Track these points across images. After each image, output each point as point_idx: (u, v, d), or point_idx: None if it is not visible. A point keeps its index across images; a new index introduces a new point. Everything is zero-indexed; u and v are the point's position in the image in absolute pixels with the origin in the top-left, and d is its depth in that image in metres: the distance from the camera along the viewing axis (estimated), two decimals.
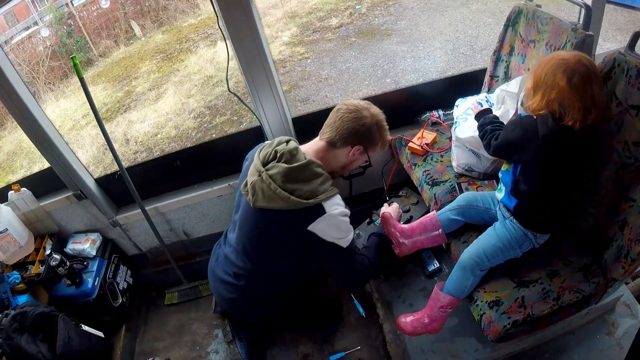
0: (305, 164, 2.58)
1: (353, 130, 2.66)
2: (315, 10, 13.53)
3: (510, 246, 2.64)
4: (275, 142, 2.76)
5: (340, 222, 2.63)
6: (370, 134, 2.71)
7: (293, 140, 2.77)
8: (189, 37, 13.90)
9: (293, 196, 2.52)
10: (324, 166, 2.69)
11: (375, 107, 2.77)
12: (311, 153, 2.70)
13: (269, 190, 2.56)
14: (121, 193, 3.91)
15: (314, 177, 2.58)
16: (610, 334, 3.17)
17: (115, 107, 11.34)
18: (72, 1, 14.74)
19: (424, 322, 2.95)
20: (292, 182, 2.55)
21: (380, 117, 2.75)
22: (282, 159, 2.61)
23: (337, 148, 2.71)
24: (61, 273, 3.65)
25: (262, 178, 2.59)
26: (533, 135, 2.32)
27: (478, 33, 10.43)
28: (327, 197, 2.56)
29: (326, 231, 2.60)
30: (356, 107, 2.69)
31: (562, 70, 2.22)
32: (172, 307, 4.32)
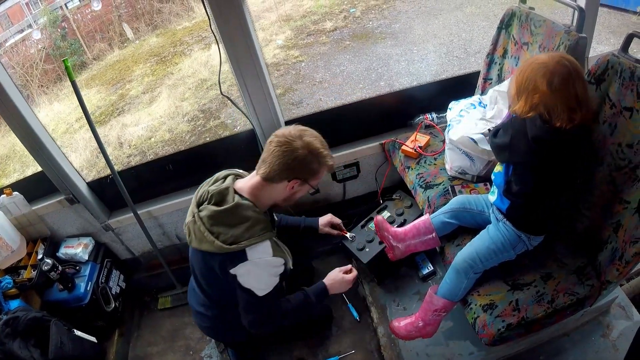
0: (231, 208, 2.56)
1: (286, 165, 2.55)
2: (309, 14, 13.56)
3: (504, 248, 2.63)
4: (213, 179, 2.79)
5: (262, 273, 2.62)
6: (305, 165, 2.59)
7: (231, 177, 2.77)
8: (183, 40, 13.92)
9: (217, 240, 2.52)
10: (263, 202, 2.69)
11: (310, 133, 2.64)
12: (246, 190, 2.66)
13: (199, 232, 2.58)
14: (113, 197, 3.89)
15: (240, 221, 2.55)
16: (605, 336, 3.17)
17: (109, 110, 11.34)
18: (67, 4, 14.74)
19: (417, 326, 2.93)
20: (218, 225, 2.55)
21: (315, 145, 2.59)
22: (212, 201, 2.61)
23: (275, 183, 2.62)
24: (53, 278, 3.62)
25: (194, 219, 2.61)
26: (523, 137, 2.34)
27: (472, 36, 10.47)
28: (252, 244, 2.54)
29: (245, 277, 2.59)
30: (286, 139, 2.55)
31: (541, 74, 2.24)
32: (166, 312, 4.29)
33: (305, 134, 2.58)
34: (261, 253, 2.56)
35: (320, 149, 2.60)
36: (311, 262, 4.00)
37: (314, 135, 2.63)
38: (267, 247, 2.58)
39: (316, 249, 4.10)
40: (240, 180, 2.74)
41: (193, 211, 2.64)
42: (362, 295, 3.87)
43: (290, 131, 2.58)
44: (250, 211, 2.57)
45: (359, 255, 3.59)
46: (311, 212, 3.75)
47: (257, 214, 2.59)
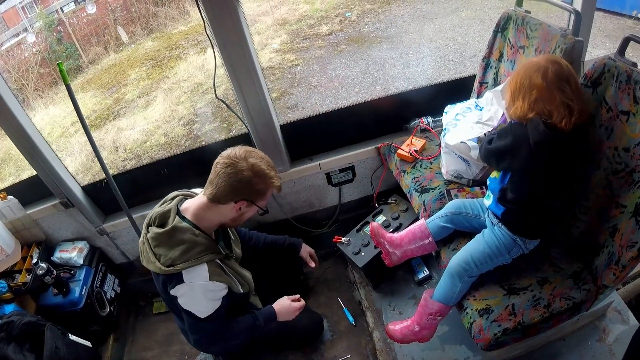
0: (169, 231, 2.59)
1: (232, 187, 2.58)
2: (305, 18, 13.54)
3: (499, 252, 2.63)
4: (162, 201, 2.82)
5: (198, 296, 2.64)
6: (250, 186, 2.62)
7: (178, 197, 2.80)
8: (178, 44, 13.89)
9: (158, 262, 2.56)
10: (208, 223, 2.72)
11: (256, 154, 2.67)
12: (192, 211, 2.68)
13: (146, 253, 2.62)
14: (108, 201, 3.87)
15: (176, 244, 2.58)
16: (602, 340, 3.17)
17: (104, 114, 11.30)
18: (62, 8, 14.71)
19: (413, 330, 2.93)
20: (159, 247, 2.59)
21: (260, 167, 2.62)
22: (155, 223, 2.65)
23: (221, 204, 2.64)
24: (48, 282, 3.61)
25: (143, 240, 2.66)
26: (523, 142, 2.32)
27: (467, 40, 10.47)
28: (188, 267, 2.56)
29: (184, 299, 2.62)
30: (232, 161, 2.58)
31: (535, 70, 2.28)
32: (161, 316, 4.27)
33: (250, 155, 2.61)
34: (196, 276, 2.59)
35: (265, 170, 2.63)
36: (302, 267, 4.02)
37: (259, 156, 2.66)
38: (203, 270, 2.61)
39: None
40: (187, 201, 2.76)
41: (143, 232, 2.69)
42: (357, 300, 3.87)
43: (235, 152, 2.61)
44: (187, 234, 2.60)
45: (355, 259, 3.59)
46: (306, 218, 3.75)
47: (195, 236, 2.61)
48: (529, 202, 2.50)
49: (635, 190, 2.29)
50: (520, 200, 2.50)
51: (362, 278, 3.88)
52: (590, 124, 2.50)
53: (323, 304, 3.94)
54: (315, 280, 3.88)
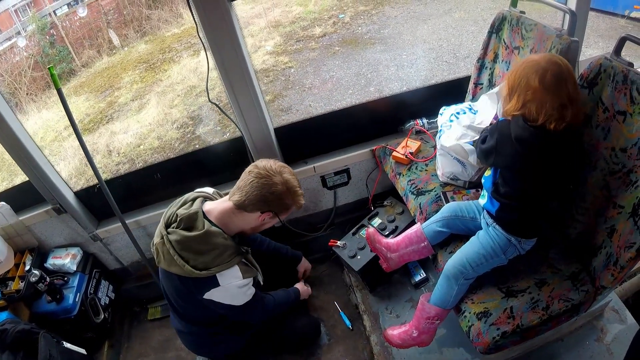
0: (202, 236, 2.60)
1: (262, 197, 2.63)
2: (298, 20, 13.56)
3: (494, 253, 2.62)
4: (181, 201, 2.83)
5: (236, 293, 2.73)
6: (280, 200, 2.69)
7: (200, 199, 2.81)
8: (172, 46, 13.91)
9: (188, 265, 2.57)
10: (231, 228, 2.75)
11: (288, 170, 2.75)
12: (216, 214, 2.71)
13: (168, 255, 2.62)
14: (101, 206, 3.84)
15: (210, 249, 2.60)
16: (600, 340, 3.15)
17: (97, 117, 11.29)
18: (55, 11, 14.70)
19: (412, 335, 2.92)
20: (187, 250, 2.60)
21: (293, 183, 2.71)
22: (181, 225, 2.64)
23: (247, 212, 2.67)
24: (41, 289, 3.58)
25: (163, 241, 2.64)
26: (507, 138, 2.36)
27: (461, 41, 10.50)
28: (222, 270, 2.61)
29: (222, 299, 2.70)
30: (267, 173, 2.64)
31: (534, 71, 2.27)
32: (156, 322, 4.24)
33: (284, 171, 2.72)
34: (231, 278, 2.65)
35: (296, 188, 2.74)
36: None
37: (292, 173, 2.78)
38: (236, 271, 2.68)
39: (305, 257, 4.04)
40: (209, 203, 2.80)
41: (162, 232, 2.67)
42: (354, 303, 3.85)
43: (271, 165, 2.68)
44: (220, 238, 2.63)
45: (351, 263, 3.57)
46: (302, 222, 3.73)
47: (226, 240, 2.65)
48: (521, 199, 2.49)
49: (633, 191, 2.29)
50: (512, 196, 2.50)
51: (358, 281, 3.87)
52: (587, 125, 2.50)
53: (319, 307, 3.92)
54: (312, 284, 3.85)
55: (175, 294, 2.83)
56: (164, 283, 2.90)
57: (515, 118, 2.35)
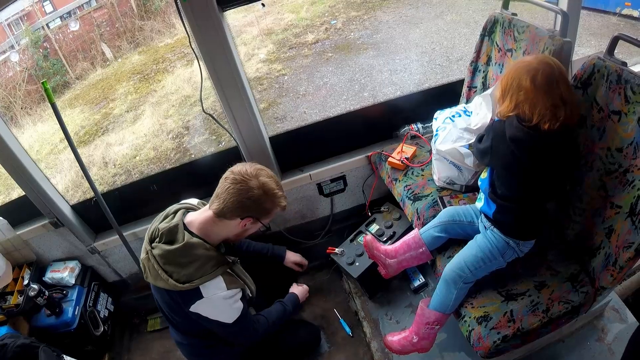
0: (182, 248, 2.57)
1: (240, 203, 2.58)
2: (291, 27, 13.58)
3: (492, 256, 2.62)
4: (163, 215, 2.82)
5: (221, 305, 2.67)
6: (259, 204, 2.64)
7: (181, 211, 2.78)
8: (165, 57, 13.90)
9: (171, 279, 2.55)
10: (213, 237, 2.72)
11: (266, 173, 2.68)
12: (197, 225, 2.68)
13: (153, 270, 2.60)
14: (98, 219, 3.82)
15: (191, 261, 2.57)
16: (601, 340, 3.15)
17: (93, 129, 11.29)
18: (49, 24, 14.71)
19: (412, 341, 2.91)
20: (170, 264, 2.57)
21: (270, 186, 2.64)
22: (162, 239, 2.62)
23: (227, 219, 2.64)
24: (40, 303, 3.57)
25: (148, 257, 2.62)
26: (502, 138, 2.37)
27: (453, 44, 10.51)
28: (205, 281, 2.57)
29: (208, 312, 2.65)
30: (243, 177, 2.59)
31: (525, 71, 2.28)
32: (156, 334, 4.23)
33: (261, 174, 2.63)
34: (215, 289, 2.61)
35: (274, 190, 2.66)
36: (297, 279, 3.94)
37: (269, 175, 2.69)
38: (219, 282, 2.64)
39: None
40: (191, 214, 2.77)
41: (146, 248, 2.65)
42: (353, 310, 3.84)
43: (246, 169, 2.62)
44: (200, 249, 2.60)
45: (349, 270, 3.56)
46: (299, 230, 3.73)
47: (208, 251, 2.62)
48: (518, 200, 2.49)
49: (630, 190, 2.29)
50: (509, 197, 2.50)
51: (357, 288, 3.86)
52: (582, 125, 2.51)
53: (319, 315, 3.92)
54: (310, 292, 3.85)
55: (167, 308, 2.82)
56: (156, 297, 2.89)
57: (509, 118, 2.36)
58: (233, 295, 2.68)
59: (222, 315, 2.68)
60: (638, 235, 2.24)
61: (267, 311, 3.12)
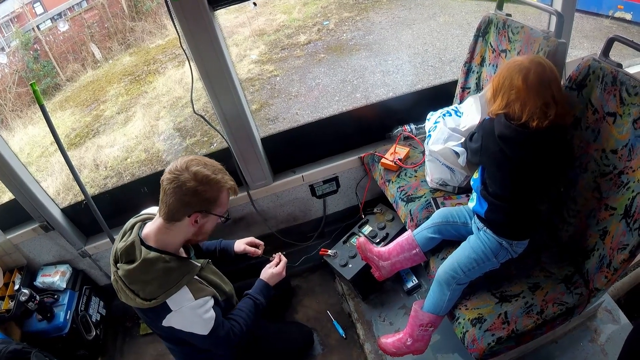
0: (140, 266, 2.53)
1: (180, 201, 2.51)
2: (283, 28, 13.57)
3: (486, 257, 2.62)
4: (122, 232, 2.76)
5: (191, 316, 2.62)
6: (198, 196, 2.54)
7: (137, 225, 2.74)
8: (156, 58, 13.86)
9: (138, 298, 2.52)
10: (172, 244, 2.67)
11: (197, 161, 2.59)
12: (152, 237, 2.63)
13: (122, 290, 2.58)
14: (89, 222, 3.83)
15: (153, 278, 2.53)
16: (594, 340, 3.17)
17: (84, 132, 11.25)
18: (39, 25, 14.65)
19: (406, 343, 2.91)
20: (134, 283, 2.54)
21: (203, 173, 2.54)
22: (122, 259, 2.59)
23: (177, 221, 2.58)
24: (31, 308, 3.56)
25: (115, 279, 2.60)
26: (491, 136, 2.40)
27: (446, 45, 10.53)
28: (170, 295, 2.53)
29: (181, 325, 2.61)
30: (174, 174, 2.51)
31: (518, 71, 2.31)
32: (148, 337, 4.20)
33: (191, 164, 2.55)
34: (182, 301, 2.57)
35: (210, 176, 2.56)
36: (289, 281, 3.97)
37: (202, 162, 2.60)
38: (185, 293, 2.59)
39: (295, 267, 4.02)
40: (147, 226, 2.72)
41: (113, 270, 2.64)
42: (347, 312, 3.83)
43: (177, 165, 2.56)
44: (159, 264, 2.55)
45: (342, 272, 3.56)
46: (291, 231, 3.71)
47: (167, 262, 2.57)
48: (509, 199, 2.50)
49: (625, 192, 2.30)
50: (500, 195, 2.51)
51: (350, 290, 3.85)
52: (576, 127, 2.52)
53: (312, 317, 3.91)
54: (304, 293, 3.84)
55: (147, 323, 2.81)
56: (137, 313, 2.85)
57: (498, 116, 2.39)
58: (203, 305, 2.63)
59: (196, 327, 2.63)
60: (632, 237, 2.25)
61: (237, 312, 2.97)
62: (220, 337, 2.73)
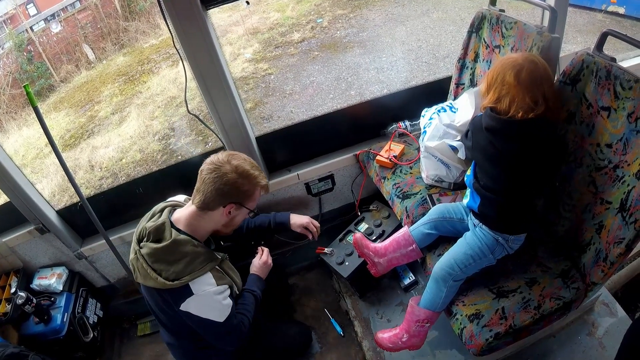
0: (169, 245, 2.56)
1: (219, 191, 2.58)
2: (277, 26, 13.55)
3: (482, 253, 2.62)
4: (150, 214, 2.80)
5: (211, 302, 2.64)
6: (237, 188, 2.63)
7: (167, 209, 2.78)
8: (150, 58, 13.83)
9: (160, 277, 2.53)
10: (201, 232, 2.71)
11: (239, 157, 2.69)
12: (183, 221, 2.67)
13: (142, 269, 2.58)
14: (85, 224, 3.81)
15: (179, 258, 2.56)
16: (591, 334, 3.17)
17: (78, 133, 11.21)
18: (32, 27, 14.60)
19: (402, 339, 2.90)
20: (159, 262, 2.56)
21: (244, 167, 2.64)
22: (150, 238, 2.61)
23: (211, 210, 2.64)
24: (28, 311, 3.56)
25: (137, 257, 2.61)
26: (480, 129, 2.45)
27: (440, 41, 10.53)
28: (194, 278, 2.55)
29: (199, 310, 2.61)
30: (215, 165, 2.60)
31: (510, 68, 2.33)
32: (146, 338, 4.20)
33: (233, 158, 2.64)
34: (205, 285, 2.59)
35: (249, 171, 2.64)
36: (287, 280, 4.00)
37: (242, 158, 2.68)
38: (209, 278, 2.62)
39: (292, 266, 4.04)
40: (178, 211, 2.75)
41: (135, 248, 2.64)
42: (344, 310, 3.84)
43: (218, 157, 2.63)
44: (189, 246, 2.58)
45: (339, 270, 3.55)
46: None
47: (196, 247, 2.61)
48: (501, 192, 2.51)
49: (620, 186, 2.29)
50: (492, 188, 2.52)
51: (347, 288, 3.85)
52: (571, 122, 2.52)
53: (310, 315, 3.91)
54: (301, 291, 3.83)
55: (157, 309, 2.79)
56: (147, 298, 2.85)
57: (485, 110, 2.43)
58: (223, 292, 2.66)
59: (213, 313, 2.64)
60: (629, 231, 2.24)
61: (242, 307, 2.98)
62: (233, 326, 2.75)
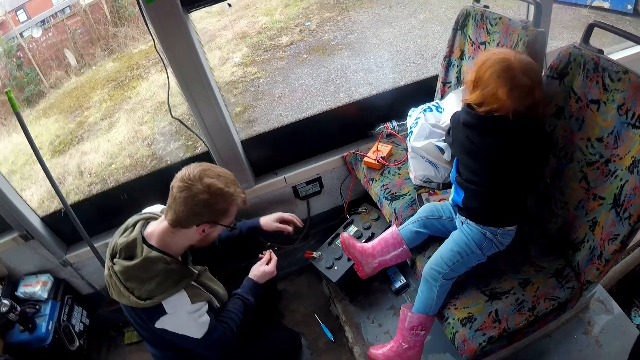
0: (140, 263, 2.50)
1: (191, 211, 2.50)
2: (265, 30, 13.55)
3: (470, 249, 2.61)
4: (122, 228, 2.73)
5: (186, 320, 2.59)
6: (210, 207, 2.54)
7: (140, 223, 2.71)
8: (139, 63, 13.81)
9: (132, 296, 2.48)
10: (174, 248, 2.65)
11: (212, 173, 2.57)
12: (156, 237, 2.61)
13: (116, 286, 2.54)
14: (69, 231, 3.76)
15: (152, 276, 2.50)
16: (587, 332, 3.16)
17: (68, 139, 11.18)
18: (22, 33, 14.59)
19: (398, 352, 2.89)
20: (131, 280, 2.51)
21: (217, 186, 2.52)
22: (122, 255, 2.55)
23: (183, 228, 2.56)
24: (12, 319, 3.51)
25: (110, 273, 2.56)
26: (458, 125, 2.49)
27: (427, 42, 10.56)
28: (167, 297, 2.50)
29: (174, 327, 2.58)
30: (186, 184, 2.48)
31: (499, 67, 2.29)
32: (133, 346, 4.17)
33: (205, 174, 2.52)
34: (178, 304, 2.54)
35: (224, 189, 2.55)
36: (275, 285, 3.97)
37: (215, 173, 2.57)
38: (183, 297, 2.56)
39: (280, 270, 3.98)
40: (151, 224, 2.69)
41: (108, 264, 2.59)
42: (335, 314, 3.81)
43: (189, 173, 2.52)
44: (160, 264, 2.52)
45: (328, 274, 3.54)
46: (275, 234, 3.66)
47: (168, 264, 2.54)
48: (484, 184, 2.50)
49: (613, 181, 2.28)
50: (474, 180, 2.52)
51: (337, 292, 3.82)
52: (560, 116, 2.53)
53: (300, 321, 3.89)
54: (290, 296, 3.80)
55: (135, 324, 2.74)
56: (125, 313, 2.80)
57: (462, 106, 2.45)
58: (198, 309, 2.61)
59: (190, 330, 2.60)
60: (623, 227, 2.23)
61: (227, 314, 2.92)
62: (213, 340, 2.70)
